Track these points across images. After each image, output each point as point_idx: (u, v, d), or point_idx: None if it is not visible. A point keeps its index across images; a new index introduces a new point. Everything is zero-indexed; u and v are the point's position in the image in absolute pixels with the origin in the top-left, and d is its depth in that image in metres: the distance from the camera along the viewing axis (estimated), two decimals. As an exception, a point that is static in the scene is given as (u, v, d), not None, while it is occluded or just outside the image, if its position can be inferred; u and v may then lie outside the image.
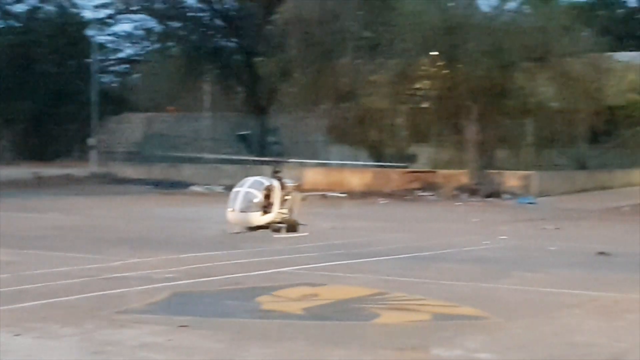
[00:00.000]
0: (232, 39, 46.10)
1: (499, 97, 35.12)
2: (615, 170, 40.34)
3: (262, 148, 44.79)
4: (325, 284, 11.94)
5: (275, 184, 13.44)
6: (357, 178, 37.00)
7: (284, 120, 45.56)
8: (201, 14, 46.42)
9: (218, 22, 46.23)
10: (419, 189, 33.97)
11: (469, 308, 10.34)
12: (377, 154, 40.05)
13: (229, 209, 13.22)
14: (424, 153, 39.22)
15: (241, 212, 13.15)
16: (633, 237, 19.55)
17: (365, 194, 33.42)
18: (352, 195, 33.24)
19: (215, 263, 13.82)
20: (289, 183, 13.73)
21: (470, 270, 13.54)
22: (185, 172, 39.87)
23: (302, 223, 13.85)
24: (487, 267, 13.93)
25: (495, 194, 32.69)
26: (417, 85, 38.03)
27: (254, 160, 41.71)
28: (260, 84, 44.46)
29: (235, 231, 13.59)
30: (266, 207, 13.29)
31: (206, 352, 8.04)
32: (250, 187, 13.29)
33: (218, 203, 29.80)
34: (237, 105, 47.79)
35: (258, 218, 13.21)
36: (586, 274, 13.34)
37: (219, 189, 36.79)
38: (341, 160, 40.17)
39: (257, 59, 44.18)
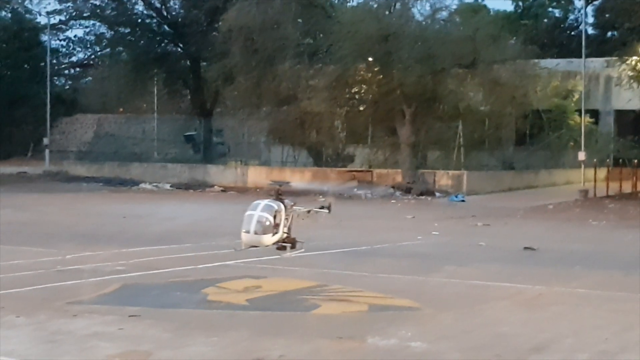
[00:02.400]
0: (179, 45, 45.88)
1: (431, 101, 35.37)
2: (540, 171, 40.79)
3: (207, 148, 44.71)
4: (267, 277, 11.97)
5: (281, 206, 13.75)
6: (297, 177, 37.02)
7: (228, 122, 45.54)
8: (149, 21, 46.14)
9: (165, 28, 45.98)
10: (356, 187, 34.08)
11: (403, 300, 10.43)
12: (317, 155, 40.16)
13: (244, 231, 13.53)
14: (361, 153, 39.39)
15: (255, 234, 13.47)
16: (557, 234, 19.83)
17: (305, 192, 33.38)
18: (293, 193, 33.17)
19: (164, 256, 13.79)
20: (289, 202, 13.99)
21: (404, 264, 13.64)
22: (135, 170, 39.64)
23: (300, 240, 14.13)
24: (420, 262, 14.04)
25: (427, 192, 32.89)
26: (354, 90, 38.19)
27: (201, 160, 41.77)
28: (206, 88, 44.35)
29: (242, 249, 13.88)
30: (275, 229, 13.57)
31: (154, 340, 8.03)
32: (262, 211, 13.56)
33: (166, 200, 29.85)
34: (183, 108, 47.61)
35: (269, 239, 13.54)
36: (513, 268, 13.49)
37: (167, 186, 36.66)
38: (282, 160, 40.25)
39: (202, 64, 44.09)
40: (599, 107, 46.13)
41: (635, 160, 37.17)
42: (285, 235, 13.92)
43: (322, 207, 14.55)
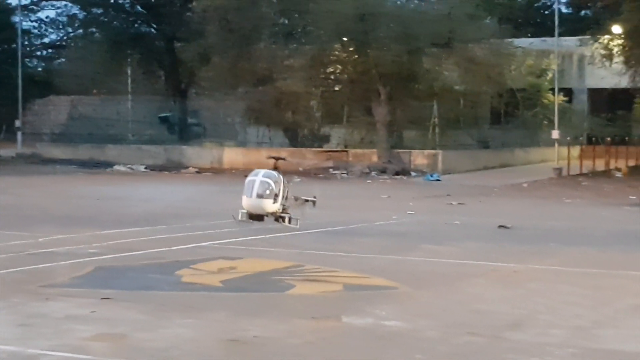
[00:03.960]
0: (153, 25, 45.60)
1: (407, 80, 35.37)
2: (515, 149, 40.95)
3: (182, 129, 44.53)
4: (242, 258, 11.90)
5: (280, 177, 13.72)
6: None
7: (203, 102, 45.37)
8: (122, 1, 45.83)
9: (139, 9, 45.67)
10: (332, 167, 34.06)
11: (379, 279, 10.40)
12: (293, 135, 40.10)
13: (245, 196, 13.48)
14: (337, 133, 39.36)
15: (257, 198, 13.40)
16: (531, 212, 19.88)
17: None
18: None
19: (138, 239, 13.68)
20: (285, 179, 14.01)
21: (380, 244, 13.61)
22: (110, 152, 39.44)
23: (296, 217, 14.11)
24: (396, 241, 14.02)
25: (403, 171, 32.92)
26: (330, 70, 38.18)
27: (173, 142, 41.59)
28: (181, 68, 44.14)
29: (241, 219, 13.82)
30: (275, 197, 13.55)
31: (129, 322, 7.95)
32: (264, 177, 13.54)
33: (141, 182, 29.71)
34: (158, 89, 47.36)
35: (271, 205, 13.50)
36: (488, 246, 13.50)
37: (142, 168, 36.50)
38: (259, 141, 40.17)
39: (177, 45, 43.85)
40: (572, 85, 46.35)
41: (609, 138, 37.38)
42: (285, 207, 14.01)
43: (309, 199, 14.57)
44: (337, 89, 38.85)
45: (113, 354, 7.03)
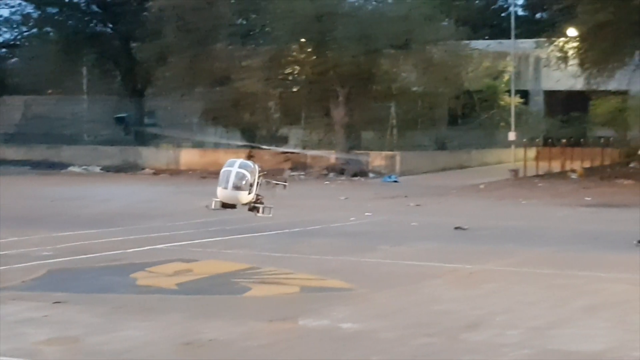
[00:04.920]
0: (109, 25, 45.23)
1: (365, 81, 35.40)
2: (472, 151, 41.14)
3: (139, 130, 44.22)
4: (198, 260, 11.83)
5: (256, 167, 13.67)
6: (232, 158, 36.77)
7: (160, 103, 45.05)
8: (78, 0, 45.42)
9: (95, 8, 45.28)
10: (290, 168, 34.00)
11: (336, 280, 10.39)
12: (250, 136, 39.96)
13: (220, 187, 13.42)
14: (295, 135, 39.30)
15: (233, 189, 13.35)
16: (488, 213, 19.97)
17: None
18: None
19: (93, 241, 13.56)
20: (259, 167, 13.96)
21: (337, 245, 13.60)
22: (64, 153, 39.05)
23: (270, 206, 14.07)
24: (353, 242, 14.01)
25: (361, 173, 32.95)
26: (288, 70, 38.07)
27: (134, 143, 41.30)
28: (138, 68, 43.79)
29: (213, 208, 13.75)
30: (250, 187, 13.50)
31: (83, 326, 7.88)
32: (240, 168, 13.48)
33: (96, 183, 29.47)
34: (114, 89, 46.95)
35: (246, 196, 13.46)
36: (446, 246, 13.54)
37: (97, 169, 36.21)
38: (216, 141, 39.99)
39: (134, 44, 43.52)
40: (529, 87, 46.65)
41: (564, 140, 37.69)
42: (257, 197, 13.98)
43: (279, 183, 14.57)
44: (295, 89, 38.78)
45: (67, 358, 6.95)
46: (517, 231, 16.04)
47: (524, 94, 45.06)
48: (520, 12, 54.82)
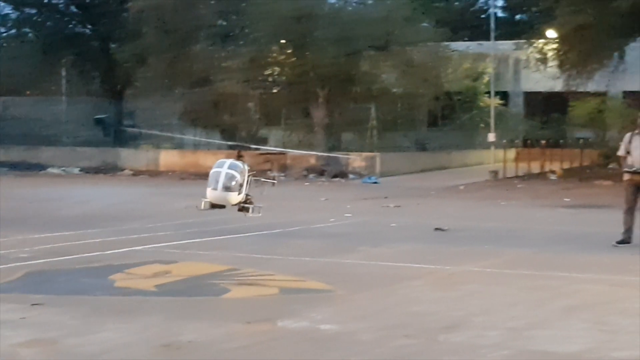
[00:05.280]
0: (88, 26, 45.07)
1: (345, 83, 35.43)
2: (452, 152, 41.25)
3: (118, 131, 44.08)
4: (177, 262, 11.79)
5: (245, 167, 13.66)
6: (211, 160, 36.71)
7: (140, 104, 44.93)
8: (56, 1, 45.24)
9: (74, 9, 45.11)
10: (270, 169, 33.97)
11: (315, 282, 10.38)
12: (230, 137, 39.91)
13: (210, 188, 13.40)
14: (275, 136, 39.29)
15: (223, 191, 13.35)
16: (468, 214, 20.01)
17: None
18: (206, 176, 32.99)
19: (71, 242, 13.51)
20: (248, 166, 13.96)
21: (317, 246, 13.59)
22: (43, 154, 38.87)
23: (259, 205, 14.06)
24: (333, 243, 14.00)
25: (341, 174, 32.96)
26: (268, 72, 38.06)
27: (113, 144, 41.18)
28: (117, 69, 43.66)
29: (202, 209, 13.74)
30: (240, 188, 13.50)
31: (61, 328, 7.84)
32: (229, 169, 13.46)
33: (75, 184, 29.35)
34: (94, 90, 46.78)
35: (235, 197, 13.46)
36: (425, 248, 13.55)
37: (76, 170, 36.07)
38: (195, 143, 39.94)
39: (113, 45, 43.40)
40: (508, 89, 46.86)
41: (544, 141, 37.84)
42: (246, 197, 13.99)
43: (268, 180, 14.59)
44: (275, 91, 38.78)
45: (43, 360, 6.92)
46: (497, 232, 16.08)
47: (504, 96, 45.28)
48: (500, 14, 55.00)
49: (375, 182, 30.98)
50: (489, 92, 40.92)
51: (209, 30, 36.47)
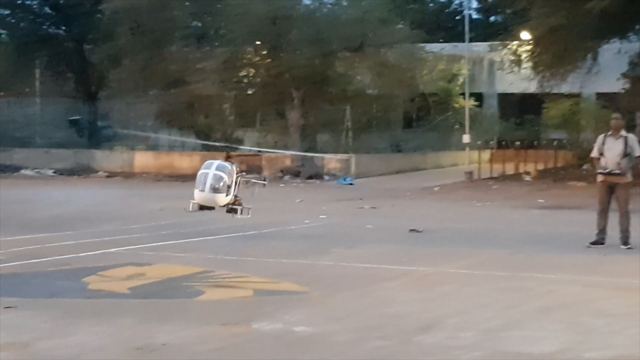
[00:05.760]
0: (62, 27, 44.87)
1: (320, 84, 35.46)
2: (427, 153, 41.36)
3: (92, 133, 43.91)
4: (151, 264, 11.75)
5: (233, 168, 13.62)
6: (186, 161, 36.71)
7: (114, 105, 44.78)
8: (30, 2, 45.01)
9: (48, 10, 44.90)
10: (244, 171, 33.89)
11: (290, 284, 10.36)
12: (205, 139, 39.84)
13: (197, 189, 13.34)
14: (250, 137, 39.25)
15: (210, 192, 13.30)
16: (442, 215, 20.06)
17: (194, 176, 33.15)
18: (181, 177, 32.97)
19: (44, 245, 13.42)
20: (237, 167, 13.91)
21: (292, 248, 13.57)
22: (16, 156, 38.62)
23: (248, 206, 14.02)
24: (308, 245, 13.99)
25: (316, 175, 32.99)
26: (243, 73, 38.03)
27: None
28: (91, 71, 43.53)
29: (190, 210, 13.69)
30: (228, 189, 13.46)
31: (35, 331, 7.78)
32: (217, 170, 13.41)
33: (49, 186, 29.18)
34: (68, 91, 46.57)
35: (224, 198, 13.42)
36: (400, 249, 13.55)
37: (50, 172, 35.88)
38: (170, 145, 39.85)
39: (87, 47, 43.24)
40: (483, 90, 47.06)
41: (518, 142, 38.02)
42: (235, 198, 13.95)
43: (258, 181, 14.56)
44: (250, 92, 38.75)
45: (16, 364, 6.87)
46: (471, 233, 16.12)
47: (478, 97, 45.46)
48: (475, 16, 55.32)
49: (350, 184, 31.02)
50: (463, 94, 41.08)
51: (183, 32, 36.40)
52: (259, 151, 32.58)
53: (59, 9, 43.85)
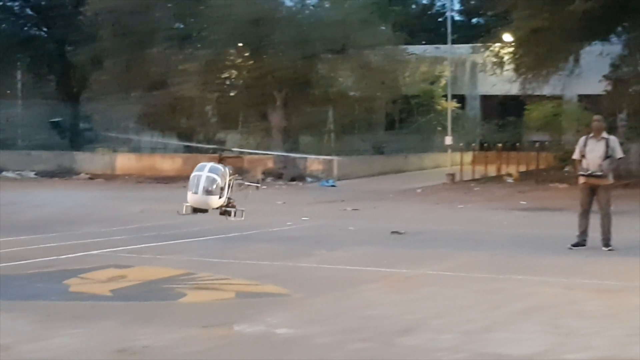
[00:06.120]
0: (44, 29, 44.74)
1: (302, 86, 35.44)
2: (410, 155, 41.42)
3: (74, 135, 43.80)
4: (133, 266, 11.72)
5: (227, 170, 13.59)
6: (168, 163, 36.67)
7: (96, 107, 44.65)
8: (11, 4, 44.81)
9: (29, 11, 44.72)
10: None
11: (271, 286, 10.37)
12: (188, 140, 39.80)
13: (190, 191, 13.30)
14: (233, 139, 39.22)
15: (204, 194, 13.26)
16: (424, 217, 20.10)
17: (175, 179, 33.14)
18: (163, 179, 32.94)
19: (26, 247, 13.37)
20: (230, 170, 13.88)
21: (274, 250, 13.58)
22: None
23: (241, 209, 13.99)
24: (290, 247, 14.01)
25: (299, 177, 32.99)
26: (226, 75, 37.98)
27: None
28: (73, 73, 43.39)
29: (184, 213, 13.65)
30: (221, 191, 13.43)
31: (15, 333, 7.76)
32: (210, 172, 13.37)
33: (30, 188, 29.06)
34: (50, 93, 46.43)
35: (217, 201, 13.39)
36: (382, 251, 13.58)
37: (32, 174, 35.73)
38: (152, 147, 39.77)
39: (69, 48, 43.11)
40: (465, 92, 47.16)
41: (500, 144, 38.12)
42: (228, 200, 13.93)
43: (252, 184, 14.54)
44: (232, 94, 38.69)
45: (-4, 367, 6.85)
46: (453, 235, 16.17)
47: (461, 99, 45.55)
48: (457, 18, 55.48)
49: (332, 186, 31.04)
50: (446, 96, 41.13)
51: (165, 33, 36.29)
52: (241, 152, 32.52)
53: (41, 10, 43.71)
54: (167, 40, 36.54)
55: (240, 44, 35.80)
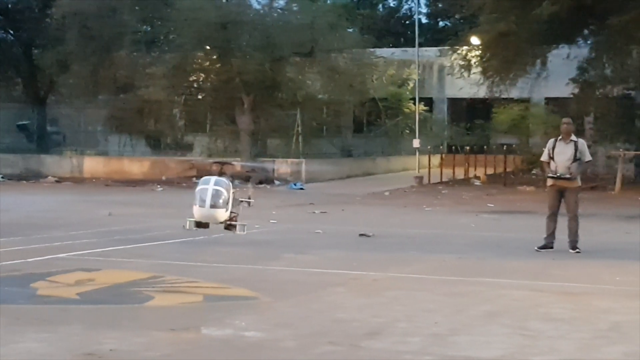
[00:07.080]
0: (10, 31, 44.46)
1: (270, 89, 35.47)
2: (377, 158, 41.52)
3: (41, 138, 43.54)
4: (100, 269, 11.68)
5: (230, 183, 13.53)
6: (136, 166, 36.54)
7: (64, 110, 44.47)
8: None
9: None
10: (195, 176, 33.82)
11: (239, 289, 10.37)
12: (155, 144, 39.71)
13: (196, 205, 13.19)
14: (200, 142, 39.15)
15: (211, 208, 13.16)
16: (392, 220, 20.16)
17: (144, 182, 33.06)
18: (131, 183, 32.82)
19: (-9, 251, 13.26)
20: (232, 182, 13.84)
21: (242, 253, 13.57)
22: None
23: (244, 223, 13.93)
24: (258, 250, 14.01)
25: (267, 180, 32.96)
26: (193, 78, 37.94)
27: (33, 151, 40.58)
28: (40, 75, 43.17)
29: (188, 228, 13.56)
30: (227, 205, 13.36)
31: (-20, 338, 7.70)
32: (216, 185, 13.29)
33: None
34: (17, 96, 46.15)
35: (223, 214, 13.31)
36: (349, 254, 13.62)
37: (-1, 178, 35.46)
38: (120, 150, 39.62)
39: (36, 51, 42.88)
40: (433, 95, 47.31)
41: (468, 147, 38.31)
42: (233, 214, 13.90)
43: (244, 200, 14.48)
44: (200, 97, 38.65)
45: (-39, 372, 6.81)
46: (421, 238, 16.24)
47: (428, 102, 45.71)
48: (424, 20, 55.70)
49: (301, 189, 31.04)
50: (413, 99, 41.27)
51: (132, 36, 36.19)
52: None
53: (7, 13, 43.43)
54: (134, 44, 36.45)
55: (208, 47, 35.77)
